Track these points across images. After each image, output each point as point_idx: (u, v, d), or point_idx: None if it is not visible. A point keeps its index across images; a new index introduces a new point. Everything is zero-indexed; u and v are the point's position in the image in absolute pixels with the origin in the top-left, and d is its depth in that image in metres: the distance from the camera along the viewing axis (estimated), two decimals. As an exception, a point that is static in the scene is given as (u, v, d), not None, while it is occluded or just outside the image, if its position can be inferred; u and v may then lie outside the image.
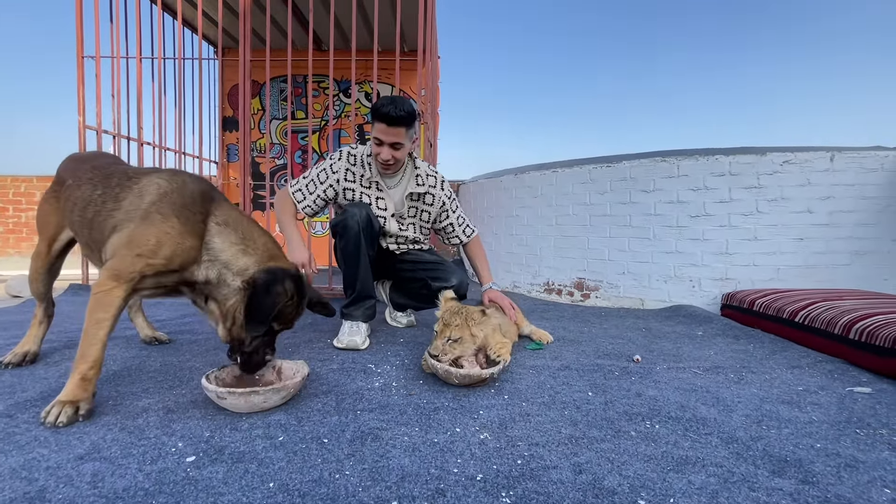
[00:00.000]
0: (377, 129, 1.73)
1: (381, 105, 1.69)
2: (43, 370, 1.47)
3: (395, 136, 1.72)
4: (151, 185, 1.22)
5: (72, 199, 1.38)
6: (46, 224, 1.53)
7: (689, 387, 1.43)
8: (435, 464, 0.92)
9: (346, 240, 1.79)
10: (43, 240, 1.54)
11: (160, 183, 1.22)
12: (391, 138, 1.72)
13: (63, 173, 1.51)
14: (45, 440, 0.99)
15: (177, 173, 1.29)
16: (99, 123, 3.11)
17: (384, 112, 1.67)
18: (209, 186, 1.30)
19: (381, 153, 1.76)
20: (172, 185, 1.22)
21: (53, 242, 1.54)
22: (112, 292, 1.12)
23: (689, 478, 0.89)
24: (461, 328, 1.45)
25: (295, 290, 1.22)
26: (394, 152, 1.76)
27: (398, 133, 1.71)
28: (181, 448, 0.96)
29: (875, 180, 2.57)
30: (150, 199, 1.19)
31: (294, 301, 1.23)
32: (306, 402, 1.24)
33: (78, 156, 1.61)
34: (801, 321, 1.99)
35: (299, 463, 0.91)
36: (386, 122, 1.69)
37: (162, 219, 1.14)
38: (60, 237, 1.54)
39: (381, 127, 1.71)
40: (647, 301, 2.89)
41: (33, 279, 1.56)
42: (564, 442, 1.04)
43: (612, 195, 3.00)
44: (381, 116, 1.69)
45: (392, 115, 1.66)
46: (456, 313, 1.47)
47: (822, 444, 1.05)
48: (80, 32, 3.08)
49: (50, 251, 1.54)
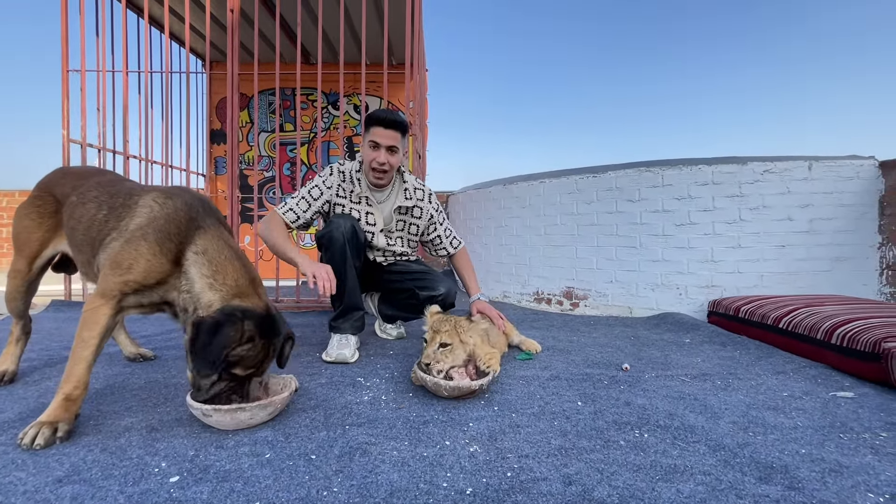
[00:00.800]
0: (373, 133, 1.76)
1: (377, 112, 1.76)
2: (22, 389, 1.43)
3: (391, 138, 1.76)
4: (145, 207, 1.21)
5: (75, 217, 1.34)
6: (28, 241, 1.47)
7: (678, 394, 1.44)
8: (424, 478, 0.91)
9: (332, 252, 1.79)
10: (22, 257, 1.48)
11: (152, 206, 1.21)
12: (388, 141, 1.76)
13: (55, 188, 1.46)
14: (23, 463, 0.96)
15: (171, 195, 1.25)
16: (84, 137, 3.07)
17: (381, 116, 1.74)
18: (201, 211, 1.24)
19: (378, 157, 1.78)
20: (164, 209, 1.20)
21: (35, 259, 1.49)
22: (98, 310, 1.12)
23: (678, 486, 0.90)
24: (451, 334, 1.45)
25: (257, 331, 1.12)
26: (389, 156, 1.79)
27: (394, 136, 1.76)
28: (164, 468, 0.94)
29: (852, 188, 2.65)
30: (138, 221, 1.19)
31: (258, 344, 1.13)
32: (294, 417, 1.22)
33: (74, 170, 1.55)
34: (785, 327, 2.03)
35: (286, 480, 0.90)
36: (383, 124, 1.74)
37: (145, 244, 1.14)
38: (43, 254, 1.49)
39: (377, 130, 1.75)
40: (635, 309, 2.91)
41: (10, 298, 1.51)
42: (554, 453, 1.04)
43: (599, 205, 3.04)
44: (378, 120, 1.74)
45: (389, 119, 1.73)
46: (444, 321, 1.48)
47: (807, 449, 1.07)
48: (65, 46, 3.05)
49: (31, 269, 1.49)
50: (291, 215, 1.85)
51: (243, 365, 1.13)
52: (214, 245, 1.19)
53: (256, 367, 1.16)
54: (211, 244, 1.18)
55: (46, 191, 1.48)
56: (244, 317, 1.11)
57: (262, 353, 1.15)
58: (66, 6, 3.02)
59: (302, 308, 2.94)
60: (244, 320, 1.11)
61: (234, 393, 1.14)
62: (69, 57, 3.06)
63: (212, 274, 1.15)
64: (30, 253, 1.47)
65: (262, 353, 1.15)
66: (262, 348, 1.15)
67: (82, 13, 3.03)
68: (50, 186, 1.48)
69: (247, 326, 1.11)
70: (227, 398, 1.12)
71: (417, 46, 3.04)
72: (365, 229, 1.89)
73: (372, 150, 1.78)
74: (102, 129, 3.20)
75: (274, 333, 1.17)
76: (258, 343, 1.13)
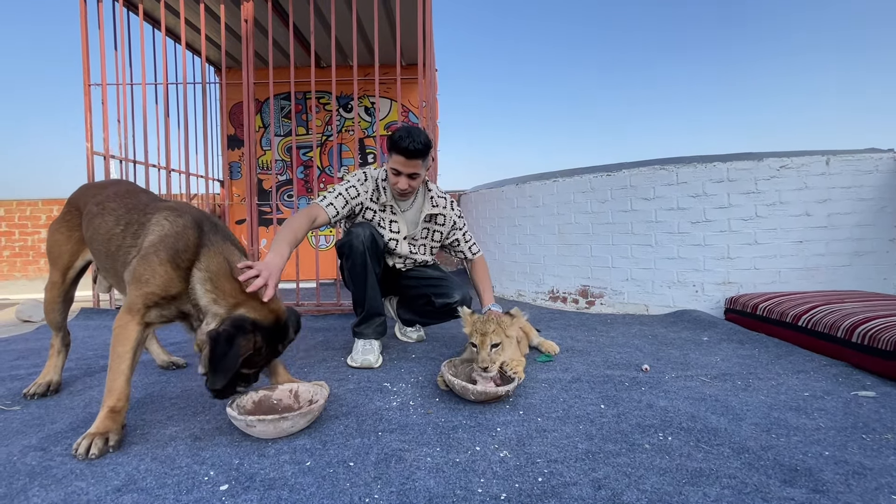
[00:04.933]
0: (395, 161, 1.78)
1: (399, 138, 1.74)
2: (68, 400, 1.50)
3: (412, 167, 1.78)
4: (157, 225, 1.28)
5: (93, 227, 1.41)
6: (60, 254, 1.55)
7: (699, 396, 1.46)
8: (459, 484, 0.96)
9: (352, 260, 1.84)
10: (56, 270, 1.56)
11: (164, 224, 1.27)
12: (409, 169, 1.79)
13: (80, 202, 1.54)
14: (82, 473, 1.02)
15: (181, 213, 1.31)
16: (106, 149, 3.16)
17: (403, 146, 1.73)
18: (206, 229, 1.30)
19: (399, 183, 1.82)
20: (174, 227, 1.26)
21: (68, 271, 1.57)
22: (127, 326, 1.21)
23: (705, 490, 0.93)
24: (498, 332, 1.48)
25: (265, 340, 1.22)
26: (410, 182, 1.82)
27: (415, 164, 1.78)
28: (213, 476, 1.00)
29: (871, 182, 2.62)
30: (151, 238, 1.26)
31: (264, 349, 1.23)
32: (328, 424, 1.27)
33: (97, 184, 1.63)
34: (805, 325, 2.03)
35: (329, 488, 0.95)
36: (405, 155, 1.75)
37: (157, 259, 1.21)
38: (75, 265, 1.57)
39: (399, 159, 1.77)
40: (652, 307, 2.93)
41: (49, 310, 1.59)
42: (581, 457, 1.07)
43: (613, 203, 3.05)
44: (400, 150, 1.74)
45: (410, 149, 1.73)
46: (487, 321, 1.51)
47: (831, 451, 1.09)
48: (86, 60, 3.14)
49: (65, 280, 1.57)
50: (332, 210, 1.82)
51: (250, 366, 1.24)
52: (216, 261, 1.25)
53: (259, 367, 1.29)
54: (213, 261, 1.24)
55: (74, 205, 1.56)
56: (255, 328, 1.19)
57: (265, 356, 1.26)
58: (85, 22, 3.10)
59: (322, 311, 3.00)
60: (255, 331, 1.19)
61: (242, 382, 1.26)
62: (90, 71, 3.14)
63: (213, 289, 1.22)
64: (63, 265, 1.56)
65: (266, 356, 1.26)
66: (266, 352, 1.25)
67: (101, 27, 3.11)
68: (76, 201, 1.56)
69: (257, 337, 1.19)
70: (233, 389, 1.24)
71: (429, 46, 3.07)
72: (389, 237, 1.94)
73: (394, 175, 1.82)
74: (123, 140, 3.28)
75: (281, 338, 1.27)
76: (263, 349, 1.23)
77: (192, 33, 3.93)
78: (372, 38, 4.04)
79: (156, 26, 3.63)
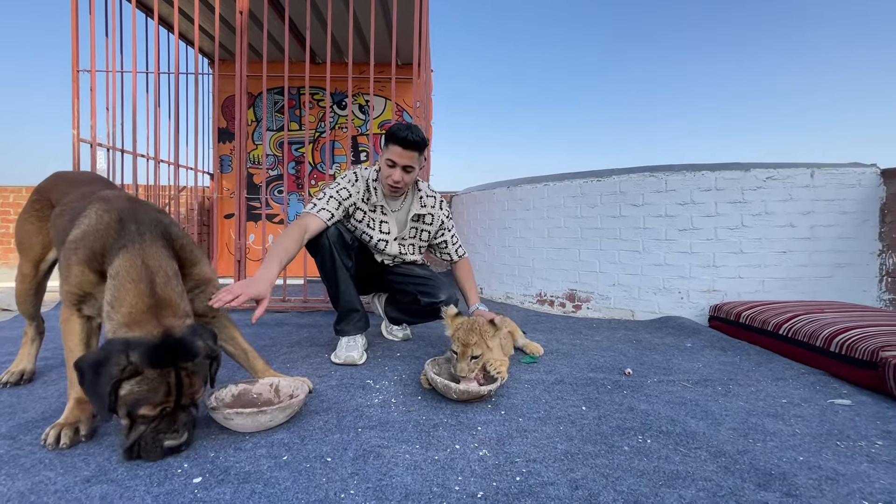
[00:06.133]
0: (391, 152, 1.77)
1: (397, 129, 1.75)
2: (41, 389, 1.47)
3: (408, 159, 1.77)
4: (86, 217, 1.16)
5: (56, 228, 1.33)
6: (31, 245, 1.48)
7: (679, 400, 1.48)
8: (437, 482, 0.95)
9: (320, 258, 1.84)
10: (27, 261, 1.49)
11: (91, 218, 1.15)
12: (404, 161, 1.78)
13: (50, 193, 1.46)
14: (51, 462, 1.00)
15: (109, 209, 1.17)
16: (93, 137, 3.11)
17: (401, 136, 1.73)
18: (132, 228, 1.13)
19: (393, 175, 1.80)
20: (98, 224, 1.13)
21: (40, 263, 1.50)
22: (69, 320, 1.18)
23: (680, 492, 0.94)
24: (479, 345, 1.47)
25: (146, 362, 0.97)
26: (404, 175, 1.81)
27: (411, 157, 1.77)
28: (187, 469, 0.98)
29: (854, 195, 2.67)
30: (76, 233, 1.14)
31: (149, 376, 0.98)
32: (308, 419, 1.26)
33: (68, 176, 1.53)
34: (785, 334, 2.06)
35: (305, 482, 0.94)
36: (402, 145, 1.74)
37: (75, 259, 1.11)
38: (47, 258, 1.50)
39: (395, 149, 1.76)
40: (638, 312, 2.95)
41: (21, 301, 1.53)
42: (560, 458, 1.07)
43: (603, 208, 3.07)
44: (398, 140, 1.74)
45: (409, 139, 1.73)
46: (470, 330, 1.49)
47: (805, 456, 1.11)
48: (75, 46, 3.08)
49: (37, 272, 1.51)
50: (326, 214, 1.80)
51: (148, 403, 0.98)
52: (127, 266, 1.07)
53: (165, 401, 1.00)
54: (125, 265, 1.07)
55: (44, 195, 1.48)
56: (127, 349, 0.97)
57: (161, 385, 0.99)
58: (76, 6, 3.04)
59: (309, 308, 2.98)
60: (127, 353, 0.97)
61: (164, 433, 1.01)
62: (79, 57, 3.09)
63: (111, 301, 1.05)
64: (34, 257, 1.49)
65: (163, 385, 0.99)
66: (160, 380, 0.99)
67: (92, 13, 3.06)
68: (46, 191, 1.48)
69: (131, 359, 0.96)
70: (155, 441, 1.00)
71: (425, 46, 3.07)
72: (378, 238, 1.93)
73: (388, 167, 1.81)
74: (112, 128, 3.23)
75: (173, 360, 1.00)
76: (150, 375, 0.98)
77: (186, 23, 3.88)
78: (368, 35, 4.03)
79: (149, 14, 3.59)
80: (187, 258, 1.23)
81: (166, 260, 1.13)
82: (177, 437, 1.02)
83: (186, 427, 1.05)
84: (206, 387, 1.11)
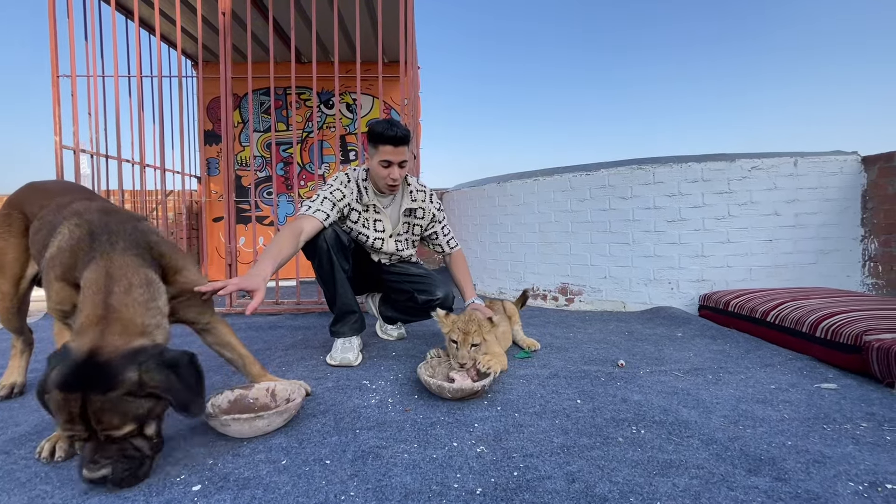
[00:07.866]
0: (385, 153, 1.78)
1: (383, 130, 1.76)
2: (34, 401, 1.45)
3: (401, 154, 1.80)
4: (59, 234, 1.14)
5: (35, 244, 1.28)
6: (6, 263, 1.41)
7: (671, 390, 1.50)
8: (436, 480, 0.96)
9: (318, 260, 1.84)
10: (6, 279, 1.41)
11: (64, 234, 1.13)
12: (399, 157, 1.80)
13: (24, 205, 1.39)
14: (47, 476, 0.99)
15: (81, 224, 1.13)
16: (76, 143, 3.05)
17: (390, 135, 1.75)
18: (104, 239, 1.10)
19: (392, 173, 1.82)
20: (70, 240, 1.11)
21: (20, 281, 1.44)
22: (61, 333, 1.17)
23: (674, 480, 0.96)
24: (478, 333, 1.52)
25: (58, 381, 0.88)
26: (401, 170, 1.84)
27: (402, 152, 1.80)
28: (186, 477, 0.98)
29: (836, 183, 2.73)
30: (52, 251, 1.13)
31: (55, 396, 0.88)
32: (305, 422, 1.26)
33: (43, 187, 1.44)
34: (773, 320, 2.10)
35: (304, 486, 0.95)
36: (393, 143, 1.76)
37: (53, 276, 1.10)
38: (27, 274, 1.44)
39: (387, 149, 1.77)
40: (629, 304, 2.98)
41: (5, 320, 1.47)
42: (557, 451, 1.09)
43: (592, 202, 3.10)
44: (387, 139, 1.76)
45: (398, 136, 1.76)
46: (469, 321, 1.55)
47: (793, 441, 1.14)
48: (54, 51, 3.02)
49: (17, 291, 1.45)
50: (322, 215, 1.78)
51: (59, 419, 0.89)
52: (92, 277, 1.04)
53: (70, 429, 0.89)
54: (90, 276, 1.04)
55: (17, 208, 1.40)
56: (54, 362, 0.92)
57: (63, 411, 0.87)
58: (53, 10, 2.98)
59: (303, 309, 2.97)
60: (53, 366, 0.91)
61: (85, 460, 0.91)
62: (59, 62, 3.03)
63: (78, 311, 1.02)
64: (12, 275, 1.42)
65: (64, 411, 0.87)
66: (62, 404, 0.87)
67: (70, 17, 3.00)
68: (19, 203, 1.39)
69: (52, 375, 0.89)
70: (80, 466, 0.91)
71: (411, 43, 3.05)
72: (374, 237, 1.94)
73: (385, 167, 1.81)
74: (95, 133, 3.17)
75: (80, 386, 0.88)
76: (55, 396, 0.88)
77: (168, 25, 3.82)
78: (353, 34, 4.00)
79: (129, 17, 3.53)
80: (170, 265, 1.19)
81: (134, 269, 1.06)
82: (92, 469, 0.89)
83: (113, 461, 0.90)
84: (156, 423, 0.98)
